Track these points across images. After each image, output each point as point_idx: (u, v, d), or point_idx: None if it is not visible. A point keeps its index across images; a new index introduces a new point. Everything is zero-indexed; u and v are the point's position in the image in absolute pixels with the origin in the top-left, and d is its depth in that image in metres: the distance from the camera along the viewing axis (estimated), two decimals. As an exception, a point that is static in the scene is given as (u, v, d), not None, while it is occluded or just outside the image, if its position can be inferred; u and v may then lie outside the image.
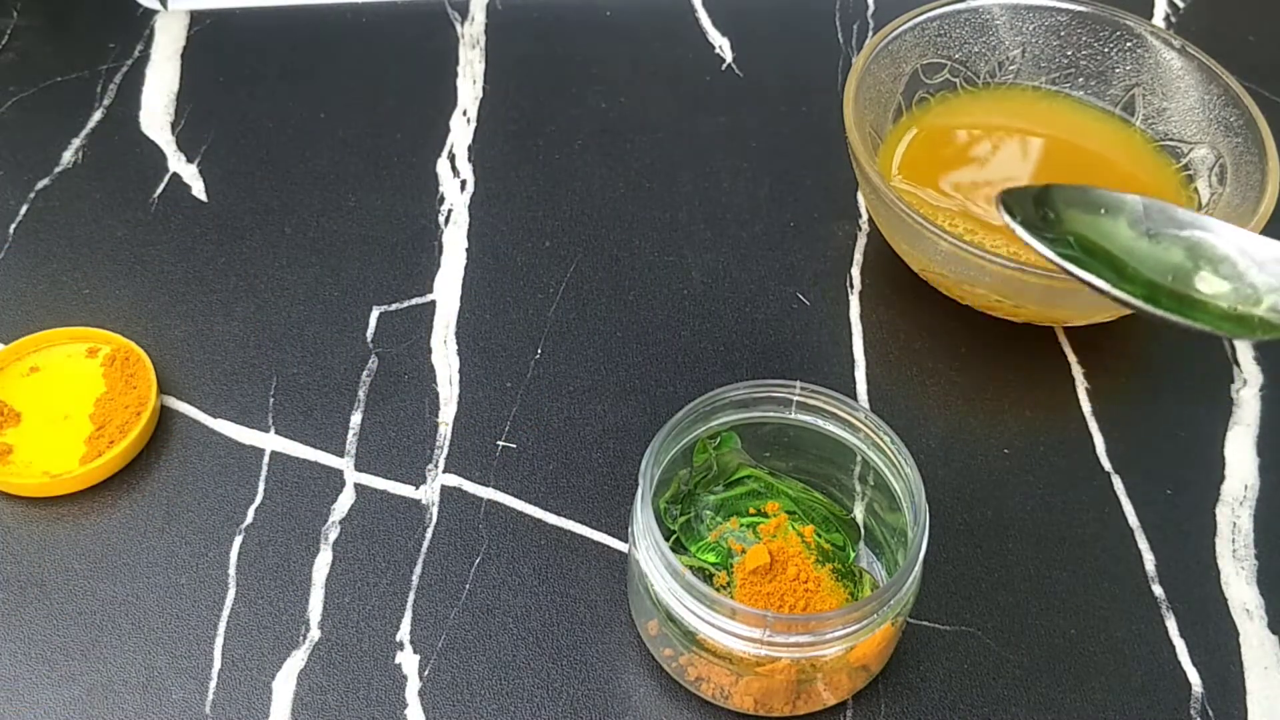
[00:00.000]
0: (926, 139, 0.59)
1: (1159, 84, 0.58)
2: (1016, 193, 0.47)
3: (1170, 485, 0.52)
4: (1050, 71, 0.60)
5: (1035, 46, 0.60)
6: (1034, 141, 0.60)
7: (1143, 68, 0.58)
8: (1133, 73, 0.59)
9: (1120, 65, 0.59)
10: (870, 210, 0.58)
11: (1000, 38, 0.60)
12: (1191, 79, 0.57)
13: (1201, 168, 0.56)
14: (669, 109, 0.67)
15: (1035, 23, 0.60)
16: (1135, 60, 0.59)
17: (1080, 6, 0.59)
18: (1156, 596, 0.48)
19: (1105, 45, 0.59)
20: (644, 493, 0.42)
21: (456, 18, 0.71)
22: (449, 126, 0.65)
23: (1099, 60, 0.59)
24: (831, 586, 0.45)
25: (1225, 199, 0.54)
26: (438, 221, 0.61)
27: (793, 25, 0.72)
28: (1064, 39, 0.60)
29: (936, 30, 0.59)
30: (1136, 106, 0.59)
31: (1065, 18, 0.59)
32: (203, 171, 0.63)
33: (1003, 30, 0.60)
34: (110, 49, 0.69)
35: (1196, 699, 0.46)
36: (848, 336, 0.56)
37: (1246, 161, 0.54)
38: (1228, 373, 0.56)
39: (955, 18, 0.59)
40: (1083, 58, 0.60)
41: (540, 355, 0.55)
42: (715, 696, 0.44)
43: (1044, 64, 0.60)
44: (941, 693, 0.46)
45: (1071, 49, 0.60)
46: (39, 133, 0.64)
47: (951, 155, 0.59)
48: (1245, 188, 0.53)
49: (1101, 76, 0.60)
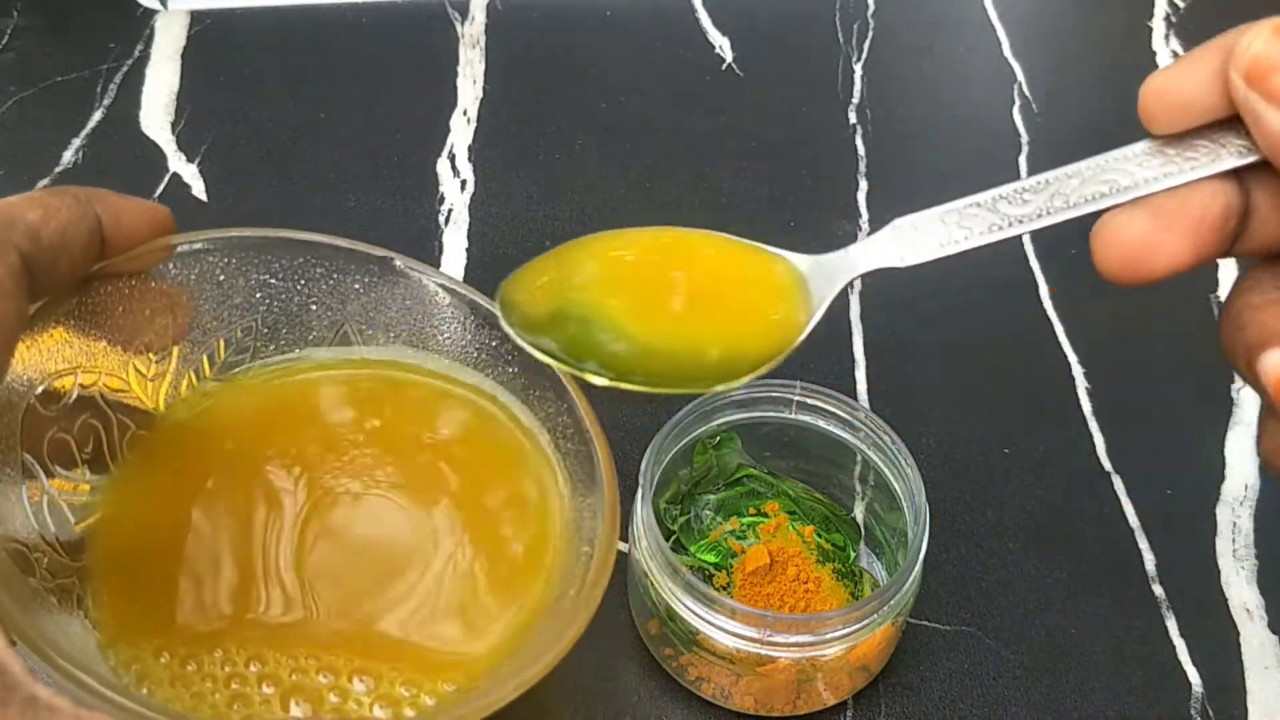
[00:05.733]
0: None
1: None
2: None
3: (1170, 485, 0.52)
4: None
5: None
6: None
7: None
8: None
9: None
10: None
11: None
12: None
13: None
14: (669, 109, 0.67)
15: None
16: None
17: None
18: (1156, 596, 0.48)
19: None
20: (644, 493, 0.42)
21: (456, 18, 0.71)
22: (449, 126, 0.65)
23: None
24: (831, 586, 0.45)
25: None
26: (438, 221, 0.61)
27: (793, 25, 0.72)
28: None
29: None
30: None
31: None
32: (203, 171, 0.63)
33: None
34: (110, 49, 0.69)
35: (1196, 699, 0.46)
36: (848, 336, 0.56)
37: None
38: (1228, 373, 0.56)
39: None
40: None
41: (540, 355, 0.55)
42: (715, 696, 0.44)
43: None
44: (941, 693, 0.46)
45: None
46: (39, 133, 0.64)
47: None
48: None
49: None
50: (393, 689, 0.33)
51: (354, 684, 0.33)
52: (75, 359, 0.34)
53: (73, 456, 0.34)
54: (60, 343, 0.33)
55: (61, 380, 0.34)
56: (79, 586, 0.33)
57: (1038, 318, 0.58)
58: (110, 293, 0.34)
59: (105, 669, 0.32)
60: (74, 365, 0.34)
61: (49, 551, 0.32)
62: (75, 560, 0.33)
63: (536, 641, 0.33)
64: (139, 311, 0.35)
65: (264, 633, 0.34)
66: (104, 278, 0.34)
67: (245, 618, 0.34)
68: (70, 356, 0.34)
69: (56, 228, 0.31)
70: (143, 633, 0.33)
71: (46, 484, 0.33)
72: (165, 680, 0.32)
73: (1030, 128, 0.66)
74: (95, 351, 0.34)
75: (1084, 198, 0.33)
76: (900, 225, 0.35)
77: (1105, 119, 0.68)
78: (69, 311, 0.33)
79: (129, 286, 0.34)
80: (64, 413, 0.34)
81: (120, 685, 0.31)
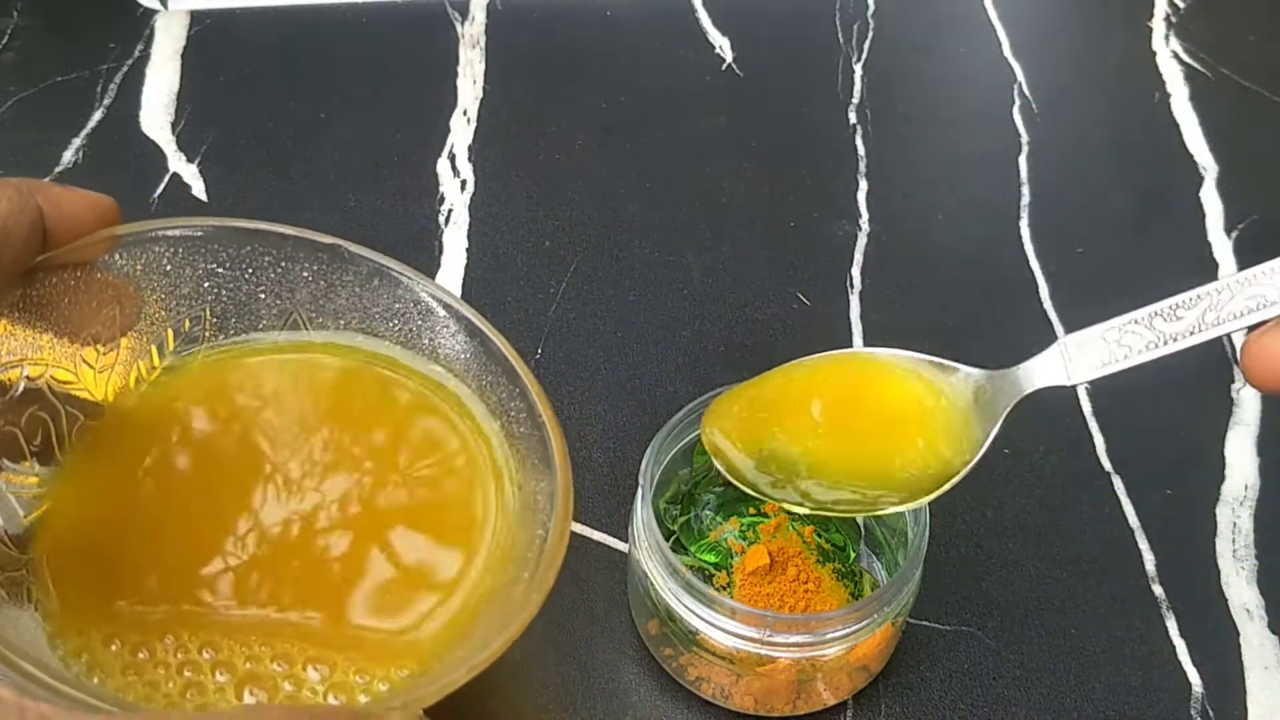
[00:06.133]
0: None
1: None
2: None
3: (1170, 485, 0.52)
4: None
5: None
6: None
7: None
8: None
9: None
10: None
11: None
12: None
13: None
14: (669, 109, 0.67)
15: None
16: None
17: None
18: (1156, 596, 0.48)
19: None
20: (644, 493, 0.42)
21: (456, 18, 0.71)
22: (449, 126, 0.65)
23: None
24: (831, 586, 0.45)
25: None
26: (438, 221, 0.61)
27: (793, 25, 0.72)
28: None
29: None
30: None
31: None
32: (203, 171, 0.63)
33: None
34: (110, 49, 0.69)
35: (1196, 699, 0.46)
36: (848, 337, 0.56)
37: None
38: (1228, 373, 0.56)
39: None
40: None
41: (540, 355, 0.55)
42: (715, 696, 0.44)
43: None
44: (941, 693, 0.46)
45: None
46: (39, 133, 0.64)
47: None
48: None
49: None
50: (347, 677, 0.33)
51: (308, 672, 0.33)
52: (21, 351, 0.34)
53: (21, 449, 0.34)
54: (5, 335, 0.33)
55: (8, 373, 0.33)
56: (28, 578, 0.33)
57: (1038, 318, 0.58)
58: (55, 284, 0.34)
59: (54, 659, 0.31)
60: (20, 358, 0.34)
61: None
62: (24, 553, 0.33)
63: (489, 625, 0.33)
64: (85, 303, 0.35)
65: (216, 620, 0.34)
66: (49, 269, 0.33)
67: (196, 605, 0.34)
68: (16, 349, 0.34)
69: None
70: (92, 621, 0.33)
71: None
72: (117, 669, 0.32)
73: (1030, 128, 0.66)
74: (42, 344, 0.34)
75: (1232, 314, 0.34)
76: (1067, 344, 0.38)
77: (1105, 120, 0.68)
78: (13, 304, 0.33)
79: (74, 278, 0.34)
80: (11, 405, 0.34)
81: (69, 675, 0.31)
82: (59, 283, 0.34)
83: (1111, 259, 0.60)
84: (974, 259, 0.60)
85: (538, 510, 0.35)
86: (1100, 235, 0.61)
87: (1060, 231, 0.61)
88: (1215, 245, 0.61)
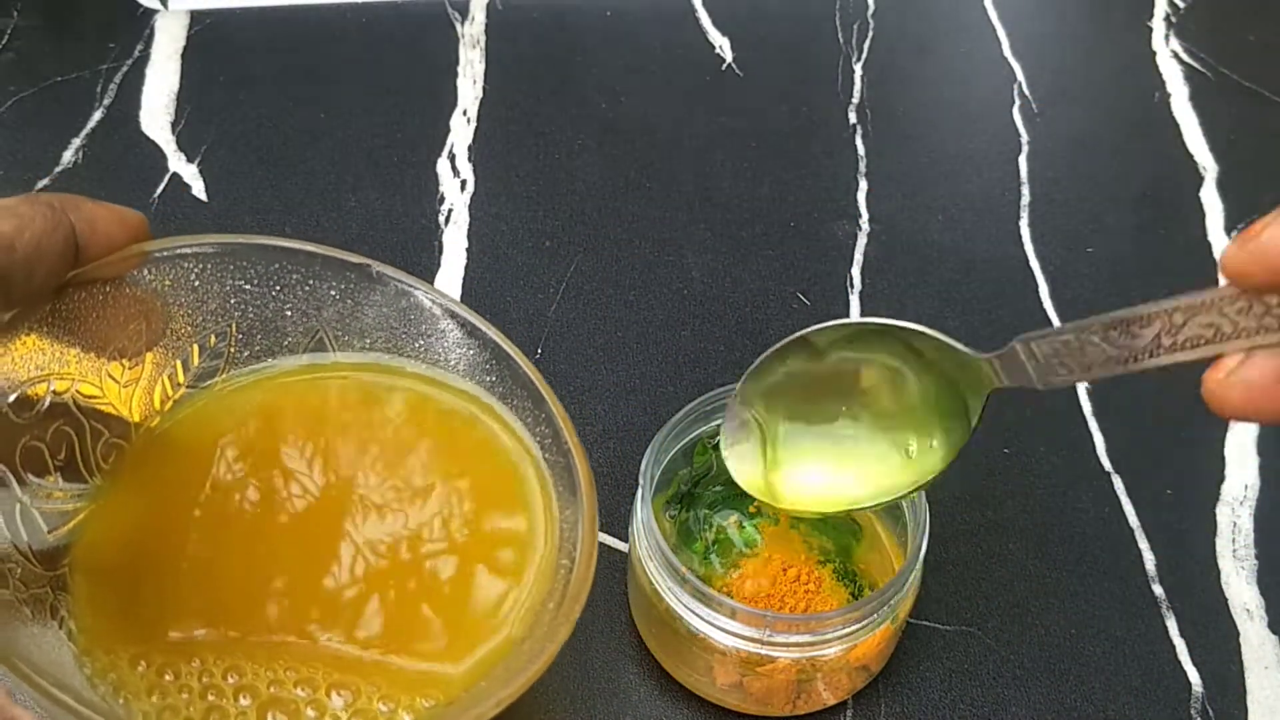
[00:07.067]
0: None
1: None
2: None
3: (1170, 485, 0.52)
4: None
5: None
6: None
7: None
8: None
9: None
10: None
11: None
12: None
13: None
14: (669, 109, 0.67)
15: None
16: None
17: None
18: (1156, 596, 0.48)
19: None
20: (644, 493, 0.42)
21: (456, 18, 0.71)
22: (449, 126, 0.65)
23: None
24: (831, 586, 0.45)
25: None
26: (438, 221, 0.61)
27: (793, 25, 0.72)
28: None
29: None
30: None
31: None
32: (203, 171, 0.63)
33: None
34: (110, 49, 0.69)
35: (1196, 699, 0.46)
36: (848, 336, 0.56)
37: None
38: (1228, 373, 0.56)
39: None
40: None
41: (540, 355, 0.55)
42: (715, 696, 0.44)
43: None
44: (941, 693, 0.46)
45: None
46: (39, 133, 0.64)
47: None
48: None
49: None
50: (370, 704, 0.33)
51: (332, 698, 0.33)
52: (48, 366, 0.34)
53: (46, 464, 0.34)
54: (33, 350, 0.33)
55: (35, 387, 0.33)
56: (53, 596, 0.32)
57: (1037, 318, 0.58)
58: (84, 299, 0.34)
59: (80, 679, 0.31)
60: (47, 372, 0.34)
61: (22, 561, 0.32)
62: (50, 569, 0.33)
63: (516, 657, 0.32)
64: (112, 318, 0.35)
65: (242, 644, 0.33)
66: (78, 284, 0.33)
67: (224, 628, 0.34)
68: (43, 363, 0.33)
69: (31, 239, 0.30)
70: (120, 641, 0.33)
71: (19, 492, 0.33)
72: (142, 690, 0.32)
73: (1030, 128, 0.66)
74: (68, 358, 0.34)
75: (1188, 340, 0.33)
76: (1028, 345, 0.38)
77: (1105, 120, 0.68)
78: (42, 319, 0.33)
79: (103, 293, 0.34)
80: (37, 420, 0.33)
81: (92, 695, 0.31)
82: (87, 297, 0.34)
83: (1111, 259, 0.60)
84: (974, 259, 0.60)
85: (564, 539, 0.34)
86: (1100, 235, 0.61)
87: (1060, 231, 0.61)
88: (1215, 245, 0.61)
